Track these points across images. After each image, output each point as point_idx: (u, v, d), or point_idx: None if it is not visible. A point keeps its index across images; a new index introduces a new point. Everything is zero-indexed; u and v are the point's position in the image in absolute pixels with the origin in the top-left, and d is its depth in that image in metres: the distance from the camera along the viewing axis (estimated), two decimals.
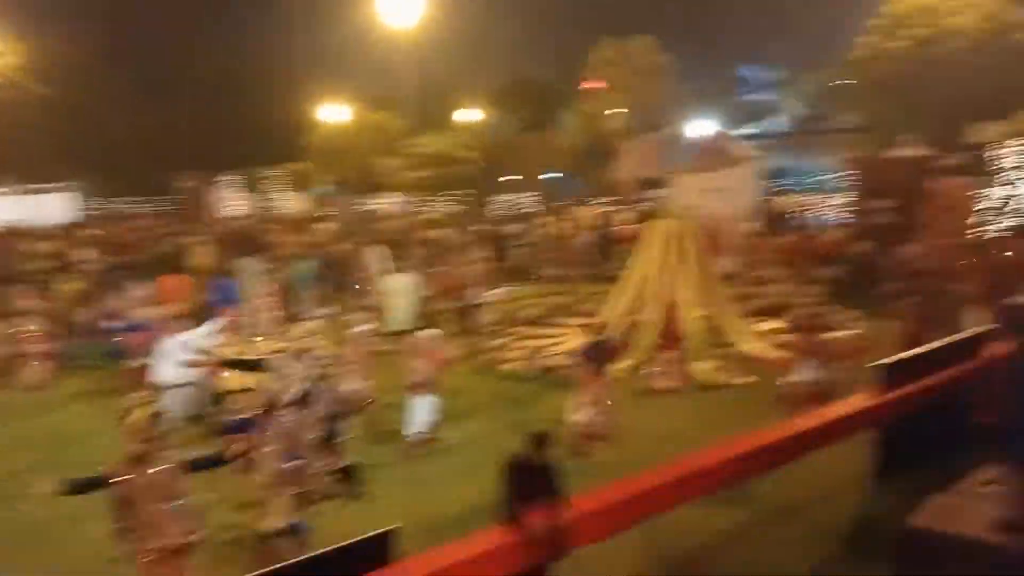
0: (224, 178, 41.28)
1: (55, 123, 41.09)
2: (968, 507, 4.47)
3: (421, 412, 9.01)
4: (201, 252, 19.17)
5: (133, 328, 11.50)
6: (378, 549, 4.56)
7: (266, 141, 47.44)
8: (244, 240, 21.30)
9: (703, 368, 11.52)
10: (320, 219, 28.83)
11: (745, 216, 19.88)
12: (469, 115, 47.57)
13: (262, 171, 43.04)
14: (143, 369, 10.39)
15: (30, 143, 39.43)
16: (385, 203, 38.03)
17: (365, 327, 10.13)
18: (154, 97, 49.49)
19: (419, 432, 8.99)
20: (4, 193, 32.08)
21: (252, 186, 42.66)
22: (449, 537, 5.18)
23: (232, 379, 8.71)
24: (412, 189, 39.91)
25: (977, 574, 4.03)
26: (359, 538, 4.52)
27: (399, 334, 13.37)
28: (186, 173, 36.84)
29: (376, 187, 40.62)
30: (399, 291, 14.66)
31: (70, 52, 40.21)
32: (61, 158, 38.85)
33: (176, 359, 9.95)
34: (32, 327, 12.83)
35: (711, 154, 13.83)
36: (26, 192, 32.68)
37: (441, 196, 39.11)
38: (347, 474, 7.58)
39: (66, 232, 24.86)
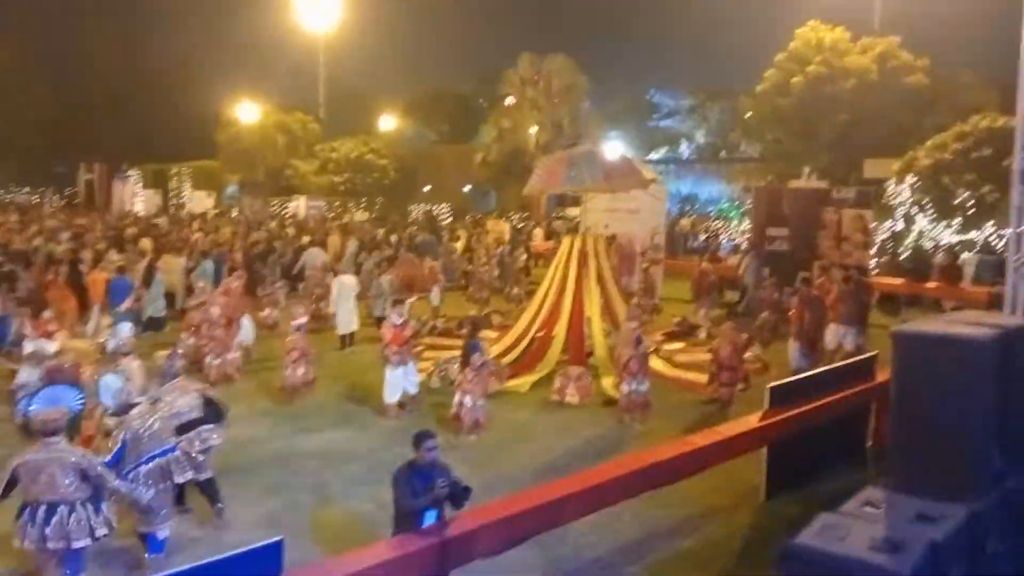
0: (132, 172, 39.54)
1: None
2: (850, 527, 4.62)
3: (396, 381, 10.42)
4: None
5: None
6: (264, 560, 4.41)
7: (173, 135, 45.81)
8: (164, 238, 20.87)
9: (607, 384, 11.67)
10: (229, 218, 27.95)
11: (651, 237, 20.32)
12: (385, 123, 47.40)
13: (169, 166, 41.46)
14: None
15: None
16: (299, 206, 37.20)
17: (302, 320, 11.47)
18: (59, 76, 46.98)
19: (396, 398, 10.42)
20: None
21: (154, 181, 41.11)
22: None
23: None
24: (324, 193, 39.20)
25: None
26: (246, 548, 4.38)
27: (347, 336, 14.13)
28: (87, 163, 34.51)
29: (287, 189, 39.74)
30: (346, 293, 14.43)
31: None
32: None
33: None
34: None
35: (620, 175, 14.04)
36: None
37: (358, 203, 38.56)
38: (205, 488, 7.05)
39: None
